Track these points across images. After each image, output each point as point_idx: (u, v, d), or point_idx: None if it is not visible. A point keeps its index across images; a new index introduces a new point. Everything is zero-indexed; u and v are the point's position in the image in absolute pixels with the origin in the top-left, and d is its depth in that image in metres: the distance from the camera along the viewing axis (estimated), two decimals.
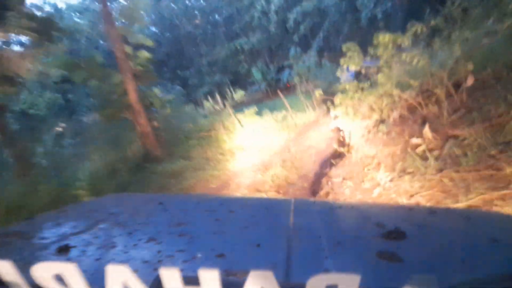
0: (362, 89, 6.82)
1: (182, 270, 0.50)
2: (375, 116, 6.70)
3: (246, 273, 0.55)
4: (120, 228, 1.15)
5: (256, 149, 9.93)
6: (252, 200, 2.29)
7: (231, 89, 39.39)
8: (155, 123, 9.77)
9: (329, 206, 1.65)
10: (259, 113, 12.96)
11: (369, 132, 7.34)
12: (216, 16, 37.92)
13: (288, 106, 13.83)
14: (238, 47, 33.65)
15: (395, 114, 6.36)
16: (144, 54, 9.66)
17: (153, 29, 38.09)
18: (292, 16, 30.30)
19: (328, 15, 30.30)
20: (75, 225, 1.21)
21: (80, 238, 1.03)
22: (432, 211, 1.45)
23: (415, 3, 25.74)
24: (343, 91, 7.24)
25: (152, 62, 11.01)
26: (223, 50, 34.63)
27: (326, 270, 0.80)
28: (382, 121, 6.73)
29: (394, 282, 0.71)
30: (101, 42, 29.49)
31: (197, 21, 35.37)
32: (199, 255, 0.89)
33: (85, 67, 8.95)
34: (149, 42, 10.11)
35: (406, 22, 6.40)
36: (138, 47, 10.41)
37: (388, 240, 0.98)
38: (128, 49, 9.59)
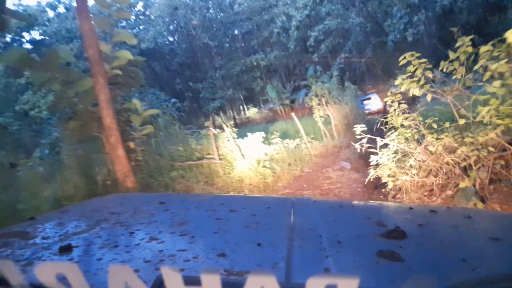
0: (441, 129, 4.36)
1: (183, 270, 0.56)
2: (466, 183, 3.88)
3: (247, 273, 0.69)
4: (121, 228, 1.12)
5: (257, 188, 7.48)
6: (253, 199, 2.17)
7: (244, 106, 37.48)
8: (131, 145, 7.37)
9: (329, 205, 1.64)
10: (267, 137, 10.54)
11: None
12: (235, 30, 36.08)
13: (302, 131, 11.35)
14: (254, 63, 31.52)
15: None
16: (126, 54, 7.35)
17: (170, 38, 36.41)
18: (313, 34, 28.10)
19: (352, 35, 28.01)
20: (77, 224, 1.20)
21: (82, 237, 1.02)
22: (432, 210, 1.40)
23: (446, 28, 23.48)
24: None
25: (141, 66, 8.72)
26: (238, 65, 32.55)
27: (327, 270, 0.79)
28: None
29: (395, 282, 0.72)
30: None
31: (213, 32, 33.41)
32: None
33: (44, 65, 6.69)
34: (133, 41, 7.81)
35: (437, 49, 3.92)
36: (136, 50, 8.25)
37: (389, 240, 0.97)
38: (105, 47, 7.31)
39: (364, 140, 5.57)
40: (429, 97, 4.37)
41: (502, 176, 3.90)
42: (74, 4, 15.84)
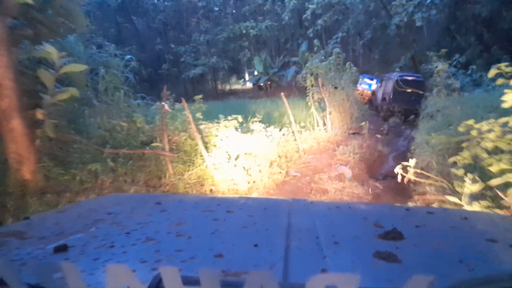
0: None
1: (180, 270, 0.48)
2: None
3: (244, 273, 0.70)
4: (118, 228, 1.10)
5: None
6: (250, 200, 2.11)
7: (227, 77, 34.27)
8: (39, 114, 4.65)
9: (326, 206, 1.62)
10: (245, 120, 7.94)
11: None
12: None
13: (292, 118, 8.76)
14: (244, 31, 28.28)
15: None
16: None
17: None
18: (311, 7, 25.06)
19: (353, 14, 25.14)
20: (73, 224, 1.17)
21: (78, 237, 1.00)
22: (429, 212, 1.38)
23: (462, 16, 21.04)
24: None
25: (83, 3, 5.88)
26: (226, 31, 29.23)
27: (324, 270, 0.78)
28: None
29: (392, 282, 0.71)
30: None
31: None
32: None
33: None
34: None
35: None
36: None
37: (386, 240, 0.96)
38: None
39: None
40: None
41: None
42: None
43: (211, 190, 5.31)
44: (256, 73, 28.12)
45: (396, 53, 26.04)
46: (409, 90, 12.56)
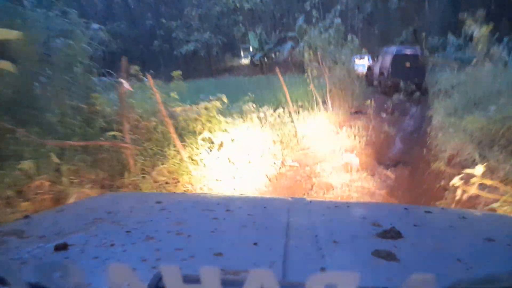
0: None
1: (180, 269, 0.48)
2: None
3: (244, 272, 0.67)
4: (118, 227, 1.08)
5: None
6: (249, 199, 2.13)
7: (220, 53, 32.49)
8: None
9: (325, 205, 1.61)
10: (235, 101, 6.76)
11: None
12: None
13: (288, 97, 7.53)
14: (237, 4, 26.49)
15: None
16: None
17: None
18: None
19: None
20: (73, 223, 1.15)
21: (78, 236, 0.97)
22: (427, 211, 1.38)
23: None
24: None
25: None
26: (219, 4, 27.45)
27: (323, 269, 0.76)
28: None
29: (390, 281, 0.71)
30: None
31: None
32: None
33: None
34: None
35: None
36: None
37: (384, 239, 0.95)
38: None
39: None
40: None
41: None
42: None
43: (186, 190, 4.17)
44: (251, 49, 26.56)
45: (397, 28, 24.53)
46: (407, 64, 12.18)
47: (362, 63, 16.47)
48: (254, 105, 7.38)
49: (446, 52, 15.20)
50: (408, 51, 12.99)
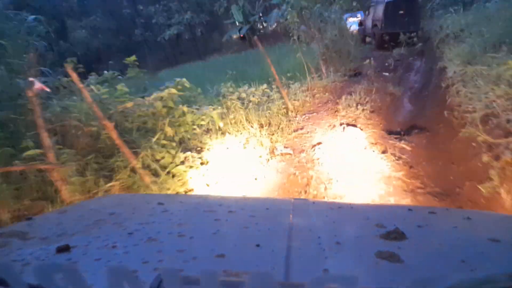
0: None
1: (182, 271, 0.53)
2: None
3: (246, 273, 0.68)
4: (120, 228, 1.08)
5: None
6: (252, 200, 2.02)
7: (205, 32, 30.69)
8: None
9: (328, 207, 1.55)
10: (218, 82, 5.63)
11: None
12: None
13: (273, 69, 6.33)
14: None
15: None
16: None
17: None
18: None
19: None
20: (75, 225, 1.13)
21: (80, 238, 0.97)
22: (431, 212, 1.34)
23: None
24: None
25: None
26: None
27: (326, 271, 0.74)
28: None
29: (394, 282, 0.70)
30: None
31: None
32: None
33: None
34: None
35: None
36: None
37: (388, 241, 0.93)
38: None
39: None
40: None
41: None
42: None
43: None
44: (237, 24, 24.92)
45: None
46: (401, 12, 11.27)
47: (355, 21, 15.15)
48: (234, 85, 6.26)
49: None
50: None
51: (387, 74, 8.86)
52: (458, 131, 3.98)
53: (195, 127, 4.13)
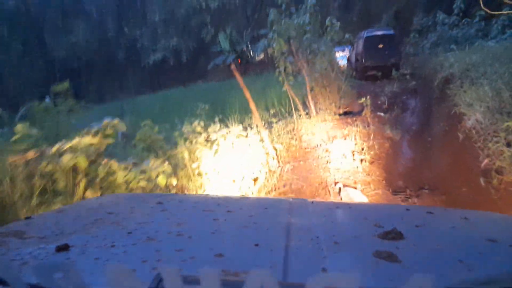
0: None
1: (180, 270, 0.49)
2: None
3: (244, 273, 0.67)
4: (119, 228, 1.07)
5: None
6: (250, 200, 2.01)
7: (190, 59, 29.76)
8: None
9: (326, 206, 1.57)
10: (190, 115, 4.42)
11: None
12: None
13: (254, 109, 5.13)
14: (203, 3, 24.05)
15: None
16: None
17: None
18: None
19: None
20: (74, 224, 1.13)
21: (79, 237, 0.97)
22: (429, 212, 1.34)
23: None
24: None
25: None
26: (183, 6, 25.01)
27: (324, 270, 0.75)
28: None
29: (392, 282, 0.70)
30: None
31: None
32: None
33: None
34: None
35: None
36: None
37: (386, 240, 0.93)
38: None
39: None
40: None
41: None
42: None
43: None
44: (224, 51, 24.17)
45: (378, 11, 22.52)
46: (380, 46, 11.76)
47: (344, 55, 14.76)
48: (209, 121, 5.06)
49: (438, 31, 13.09)
50: (380, 32, 12.45)
51: (382, 114, 7.83)
52: (499, 206, 2.87)
53: (131, 187, 2.85)
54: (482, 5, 4.66)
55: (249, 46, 24.07)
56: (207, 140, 4.44)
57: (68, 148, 2.47)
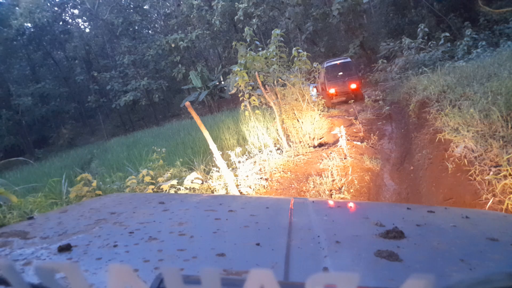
0: None
1: (182, 269, 0.51)
2: None
3: (246, 272, 0.64)
4: (121, 228, 1.05)
5: None
6: (252, 199, 1.95)
7: (162, 99, 29.09)
8: None
9: (328, 206, 1.57)
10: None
11: None
12: (146, 5, 27.89)
13: (213, 147, 4.44)
14: (173, 44, 23.82)
15: None
16: None
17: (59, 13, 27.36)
18: (242, 6, 21.26)
19: (289, 6, 21.58)
20: (76, 224, 1.10)
21: (81, 237, 0.96)
22: (430, 211, 1.29)
23: None
24: None
25: None
26: (153, 48, 24.70)
27: (325, 269, 0.75)
28: None
29: (393, 281, 0.69)
30: None
31: (120, 9, 25.16)
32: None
33: None
34: None
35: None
36: None
37: (387, 239, 0.90)
38: None
39: None
40: None
41: None
42: None
43: None
44: (197, 89, 23.76)
45: (344, 43, 22.86)
46: (340, 73, 12.55)
47: (314, 88, 14.81)
48: (163, 166, 4.25)
49: (404, 55, 13.07)
50: (338, 61, 13.36)
51: (359, 143, 7.26)
52: None
53: None
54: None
55: (222, 81, 23.74)
56: (155, 192, 3.65)
57: None
